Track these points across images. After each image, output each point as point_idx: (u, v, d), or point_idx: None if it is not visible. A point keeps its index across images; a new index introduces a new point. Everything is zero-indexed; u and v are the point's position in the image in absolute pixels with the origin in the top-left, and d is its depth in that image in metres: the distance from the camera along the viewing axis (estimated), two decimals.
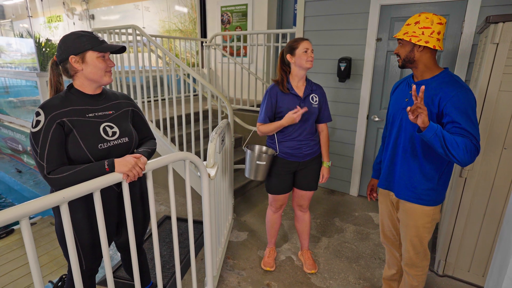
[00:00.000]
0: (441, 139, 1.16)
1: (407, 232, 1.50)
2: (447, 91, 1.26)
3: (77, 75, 1.25)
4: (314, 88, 1.87)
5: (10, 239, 3.30)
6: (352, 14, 2.85)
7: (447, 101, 1.24)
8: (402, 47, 1.35)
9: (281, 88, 1.81)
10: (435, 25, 1.28)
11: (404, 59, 1.36)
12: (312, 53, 1.75)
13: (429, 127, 1.16)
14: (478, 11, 2.31)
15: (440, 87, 1.29)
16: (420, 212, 1.43)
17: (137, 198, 1.47)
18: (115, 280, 1.96)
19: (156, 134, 3.10)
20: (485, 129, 1.74)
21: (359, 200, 3.18)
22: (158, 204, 3.13)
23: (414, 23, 1.31)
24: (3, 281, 2.61)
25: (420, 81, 1.37)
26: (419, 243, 1.48)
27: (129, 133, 1.35)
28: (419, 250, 1.50)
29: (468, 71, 2.45)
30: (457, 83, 1.27)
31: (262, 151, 1.95)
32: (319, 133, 1.96)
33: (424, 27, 1.28)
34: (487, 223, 1.87)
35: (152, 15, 6.01)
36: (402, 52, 1.36)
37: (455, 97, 1.23)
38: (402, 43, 1.35)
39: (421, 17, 1.30)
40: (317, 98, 1.86)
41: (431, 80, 1.33)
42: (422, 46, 1.30)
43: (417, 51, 1.32)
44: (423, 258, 1.52)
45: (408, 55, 1.34)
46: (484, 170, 1.81)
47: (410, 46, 1.32)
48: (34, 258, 0.94)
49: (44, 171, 1.15)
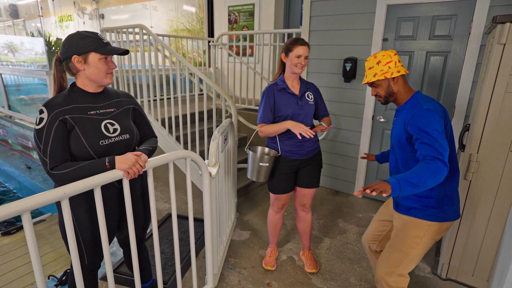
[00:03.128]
0: (409, 183, 1.16)
1: (392, 242, 1.48)
2: (409, 114, 1.34)
3: (79, 74, 1.27)
4: (309, 86, 1.93)
5: (20, 235, 3.32)
6: (358, 14, 2.83)
7: (407, 123, 1.33)
8: (379, 87, 1.44)
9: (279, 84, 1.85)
10: (394, 56, 1.40)
11: (385, 96, 1.45)
12: (305, 59, 1.76)
13: (392, 189, 1.15)
14: (487, 11, 2.27)
15: (406, 112, 1.37)
16: (413, 223, 1.40)
17: (138, 195, 1.49)
18: (117, 275, 1.99)
19: (161, 132, 3.13)
20: (490, 131, 1.71)
21: (363, 202, 3.15)
22: (162, 202, 3.16)
23: (376, 64, 1.41)
24: (9, 277, 2.63)
25: (399, 107, 1.48)
26: (396, 260, 1.44)
27: (130, 130, 1.37)
28: (392, 270, 1.45)
29: (476, 72, 2.41)
30: (418, 105, 1.34)
31: (265, 152, 1.95)
32: None
33: (387, 62, 1.39)
34: (492, 226, 1.84)
35: (160, 15, 6.06)
36: (381, 91, 1.45)
37: (413, 117, 1.30)
38: (377, 83, 1.44)
39: (378, 57, 1.41)
40: (312, 95, 1.91)
41: (404, 106, 1.43)
42: (395, 77, 1.39)
43: (394, 83, 1.41)
44: (392, 284, 1.46)
45: (387, 91, 1.43)
46: (489, 173, 1.77)
47: (385, 82, 1.42)
48: (35, 252, 0.96)
49: (47, 167, 1.18)
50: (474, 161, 1.78)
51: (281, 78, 1.86)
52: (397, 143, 1.43)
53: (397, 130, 1.42)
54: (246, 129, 3.80)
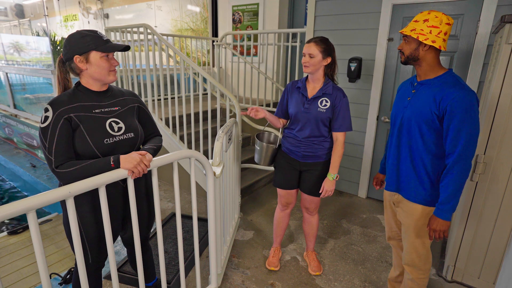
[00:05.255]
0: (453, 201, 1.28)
1: (408, 234, 1.47)
2: (449, 92, 1.24)
3: (82, 73, 1.27)
4: (329, 92, 1.75)
5: (26, 235, 3.30)
6: (364, 14, 2.81)
7: (448, 103, 1.23)
8: (407, 44, 1.32)
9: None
10: (443, 25, 1.26)
11: (408, 56, 1.34)
12: (309, 57, 1.70)
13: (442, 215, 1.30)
14: (495, 10, 2.25)
15: (442, 87, 1.27)
16: (421, 212, 1.40)
17: (143, 194, 1.49)
18: (121, 274, 1.99)
19: (165, 132, 3.13)
20: (498, 132, 1.69)
21: (367, 202, 3.13)
22: (166, 201, 3.16)
23: (422, 21, 1.28)
24: (12, 278, 2.59)
25: (423, 80, 1.36)
26: (421, 244, 1.45)
27: (135, 129, 1.37)
28: (422, 252, 1.47)
29: (482, 72, 2.38)
30: (460, 85, 1.25)
31: (270, 137, 2.14)
32: (334, 142, 1.84)
33: (433, 26, 1.25)
34: (499, 228, 1.81)
35: (164, 14, 6.08)
36: (406, 49, 1.33)
37: (456, 98, 1.21)
38: (408, 39, 1.32)
39: (431, 15, 1.27)
40: (327, 103, 1.75)
41: (434, 80, 1.32)
42: (428, 45, 1.28)
43: (422, 50, 1.29)
44: (425, 260, 1.48)
45: (412, 53, 1.32)
46: (496, 174, 1.75)
47: (415, 43, 1.30)
48: (40, 250, 0.96)
49: (52, 165, 1.18)
50: (481, 162, 1.76)
51: (304, 77, 1.86)
52: (414, 119, 1.34)
53: (419, 104, 1.32)
54: (250, 128, 3.79)
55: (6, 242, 3.17)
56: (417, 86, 1.38)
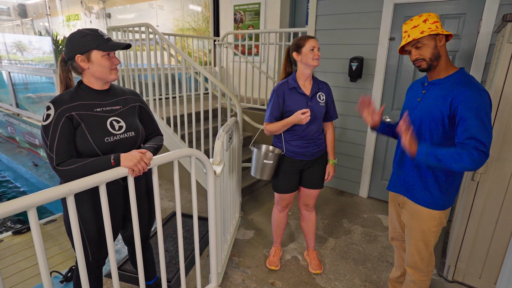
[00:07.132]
0: (435, 157, 1.19)
1: (412, 236, 1.46)
2: (459, 92, 1.21)
3: (84, 72, 1.28)
4: (321, 86, 1.85)
5: (30, 235, 3.25)
6: (365, 13, 2.81)
7: (458, 103, 1.19)
8: (425, 47, 1.26)
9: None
10: (438, 19, 1.26)
11: (431, 58, 1.27)
12: (318, 51, 1.73)
13: (418, 151, 1.18)
14: (497, 9, 2.24)
15: (452, 87, 1.24)
16: (426, 215, 1.39)
17: (143, 192, 1.49)
18: (121, 273, 2.00)
19: (166, 131, 3.14)
20: (499, 132, 1.68)
21: (368, 202, 3.13)
22: (167, 200, 3.17)
23: (422, 22, 1.26)
24: (14, 280, 2.57)
25: (434, 80, 1.33)
26: (424, 247, 1.44)
27: (136, 128, 1.38)
28: (424, 255, 1.46)
29: (484, 72, 2.37)
30: (471, 84, 1.21)
31: (269, 150, 1.94)
32: (325, 131, 1.94)
33: (434, 21, 1.24)
34: (500, 228, 1.81)
35: (166, 14, 6.09)
36: (426, 53, 1.26)
37: (467, 98, 1.18)
38: (421, 43, 1.26)
39: (423, 16, 1.26)
40: (324, 97, 1.84)
41: (445, 80, 1.29)
42: (443, 39, 1.25)
43: (439, 45, 1.26)
44: (428, 263, 1.47)
45: (434, 52, 1.26)
46: (498, 174, 1.75)
47: (432, 42, 1.25)
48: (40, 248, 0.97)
49: (53, 163, 1.19)
50: None
51: (293, 77, 1.81)
52: (424, 120, 1.31)
53: (429, 105, 1.29)
54: (251, 128, 3.79)
55: (10, 242, 3.16)
56: (427, 86, 1.35)
